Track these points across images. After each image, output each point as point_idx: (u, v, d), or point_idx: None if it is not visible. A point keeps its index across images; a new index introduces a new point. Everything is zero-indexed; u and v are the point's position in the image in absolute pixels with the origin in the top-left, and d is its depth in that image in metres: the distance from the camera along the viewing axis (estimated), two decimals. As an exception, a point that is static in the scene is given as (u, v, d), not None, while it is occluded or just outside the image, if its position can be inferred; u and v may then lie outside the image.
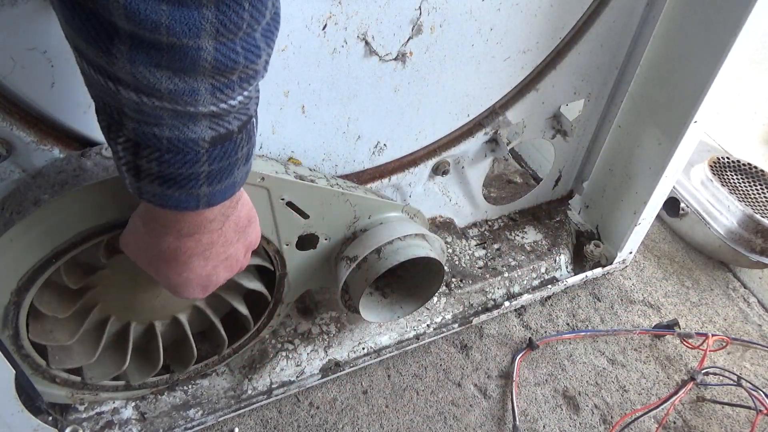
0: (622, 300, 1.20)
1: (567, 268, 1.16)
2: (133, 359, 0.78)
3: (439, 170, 0.96)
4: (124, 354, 0.77)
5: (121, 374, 0.79)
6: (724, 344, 1.12)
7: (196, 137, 0.41)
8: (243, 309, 0.82)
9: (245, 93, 0.42)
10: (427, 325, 1.02)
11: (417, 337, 1.01)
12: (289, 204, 0.74)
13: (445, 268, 0.90)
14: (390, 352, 0.99)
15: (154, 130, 0.40)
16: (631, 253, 1.17)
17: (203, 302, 0.80)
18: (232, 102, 0.41)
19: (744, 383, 1.02)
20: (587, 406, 1.01)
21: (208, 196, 0.46)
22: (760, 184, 1.32)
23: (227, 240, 0.54)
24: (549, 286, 1.11)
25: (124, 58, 0.36)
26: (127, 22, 0.34)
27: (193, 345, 0.81)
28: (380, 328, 0.99)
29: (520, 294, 1.10)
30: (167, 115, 0.39)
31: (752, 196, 1.30)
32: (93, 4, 0.34)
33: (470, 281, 1.06)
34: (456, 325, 1.03)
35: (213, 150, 0.43)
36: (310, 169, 0.81)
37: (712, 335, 1.08)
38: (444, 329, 1.03)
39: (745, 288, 1.28)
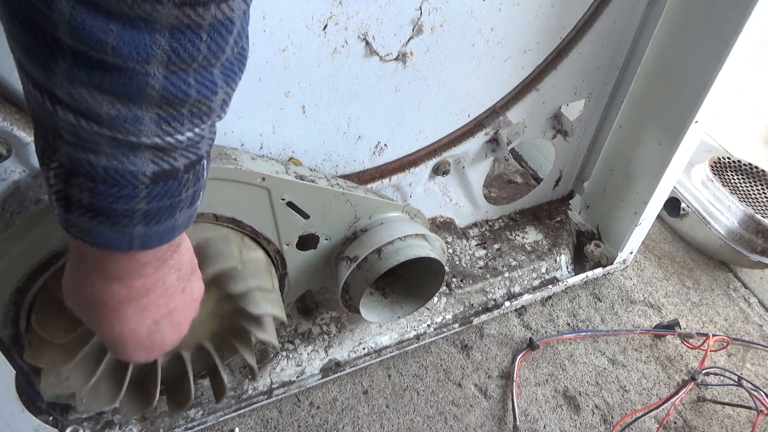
0: (622, 300, 1.20)
1: (567, 268, 1.16)
2: (128, 392, 0.73)
3: (439, 170, 0.96)
4: (119, 385, 0.71)
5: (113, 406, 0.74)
6: (725, 344, 1.12)
7: (135, 170, 0.37)
8: (251, 360, 0.77)
9: (196, 130, 0.38)
10: (428, 325, 1.02)
11: (417, 337, 1.01)
12: (290, 204, 0.74)
13: (446, 268, 0.90)
14: (390, 352, 0.99)
15: (90, 158, 0.36)
16: (631, 253, 1.17)
17: (210, 343, 0.75)
18: (180, 137, 0.38)
19: (745, 383, 1.02)
20: (588, 406, 1.01)
21: (143, 238, 0.41)
22: (761, 184, 1.31)
23: (168, 288, 0.48)
24: (549, 286, 1.11)
25: (63, 75, 0.33)
26: (70, 37, 0.32)
27: (192, 388, 0.75)
28: (381, 328, 0.99)
29: (521, 294, 1.10)
30: (106, 143, 0.36)
31: (753, 196, 1.30)
32: (37, 15, 0.31)
33: (471, 281, 1.06)
34: (456, 325, 1.03)
35: (154, 187, 0.39)
36: (311, 169, 0.81)
37: (713, 335, 1.08)
38: (444, 329, 1.02)
39: (745, 288, 1.28)
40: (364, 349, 0.97)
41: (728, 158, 1.35)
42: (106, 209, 0.38)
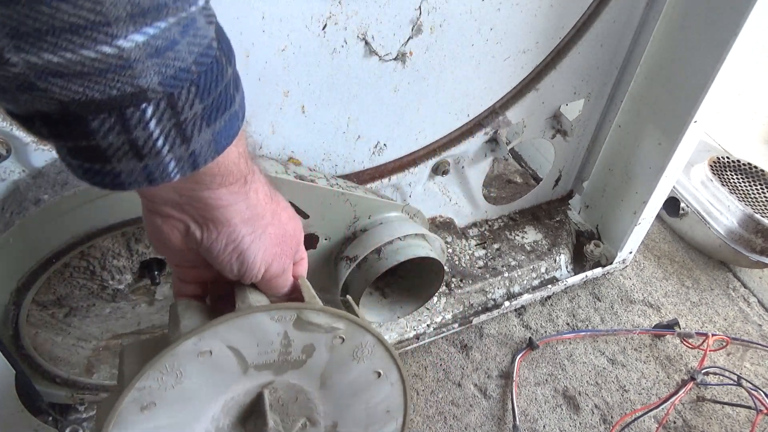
0: (622, 300, 1.20)
1: (567, 267, 1.16)
2: None
3: (439, 170, 0.96)
4: None
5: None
6: (724, 344, 1.12)
7: (210, 36, 0.34)
8: None
9: None
10: (427, 325, 1.02)
11: (417, 337, 1.01)
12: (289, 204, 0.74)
13: (445, 268, 0.90)
14: (390, 352, 0.99)
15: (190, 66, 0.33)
16: (631, 252, 1.17)
17: None
18: None
19: (744, 383, 1.02)
20: (587, 405, 1.01)
21: (241, 106, 0.39)
22: (760, 184, 1.31)
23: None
24: (549, 286, 1.11)
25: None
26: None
27: None
28: (380, 328, 0.99)
29: (520, 294, 1.10)
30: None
31: (752, 195, 1.30)
32: None
33: (470, 281, 1.06)
34: (456, 325, 1.03)
35: (219, 52, 0.36)
36: (310, 169, 0.81)
37: (712, 335, 1.09)
38: (444, 329, 1.03)
39: (745, 288, 1.28)
40: (363, 348, 0.97)
41: (727, 158, 1.35)
42: (215, 98, 0.35)
